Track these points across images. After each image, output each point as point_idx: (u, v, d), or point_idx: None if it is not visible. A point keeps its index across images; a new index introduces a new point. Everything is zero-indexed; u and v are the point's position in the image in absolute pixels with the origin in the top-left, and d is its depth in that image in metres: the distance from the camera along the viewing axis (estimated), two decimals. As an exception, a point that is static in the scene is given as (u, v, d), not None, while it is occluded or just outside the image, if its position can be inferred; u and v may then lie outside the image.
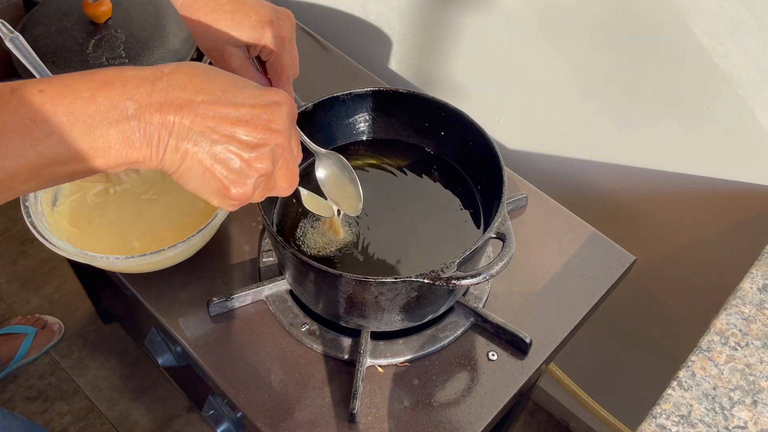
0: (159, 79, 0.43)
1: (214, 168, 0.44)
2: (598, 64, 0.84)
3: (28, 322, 1.53)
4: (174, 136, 0.43)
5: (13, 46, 0.64)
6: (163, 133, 0.42)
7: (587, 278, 0.78)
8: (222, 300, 0.72)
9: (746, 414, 0.59)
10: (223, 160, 0.44)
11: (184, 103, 0.43)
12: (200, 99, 0.43)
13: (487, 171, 0.73)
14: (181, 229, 0.75)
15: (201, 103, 0.43)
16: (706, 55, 0.74)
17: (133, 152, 0.43)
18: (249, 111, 0.45)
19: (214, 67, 0.47)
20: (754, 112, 0.74)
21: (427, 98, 0.77)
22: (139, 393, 1.49)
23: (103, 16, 0.93)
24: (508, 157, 1.03)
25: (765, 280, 0.68)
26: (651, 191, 0.91)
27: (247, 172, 0.45)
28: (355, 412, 0.65)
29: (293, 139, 0.49)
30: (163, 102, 0.42)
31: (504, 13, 0.89)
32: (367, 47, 1.12)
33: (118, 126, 0.41)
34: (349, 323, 0.70)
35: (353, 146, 0.82)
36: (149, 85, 0.42)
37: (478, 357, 0.71)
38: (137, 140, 0.42)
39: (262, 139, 0.45)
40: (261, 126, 0.45)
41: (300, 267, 0.66)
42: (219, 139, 0.44)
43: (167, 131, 0.43)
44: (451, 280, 0.59)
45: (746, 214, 0.84)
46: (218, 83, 0.45)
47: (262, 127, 0.45)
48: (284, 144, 0.47)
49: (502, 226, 0.63)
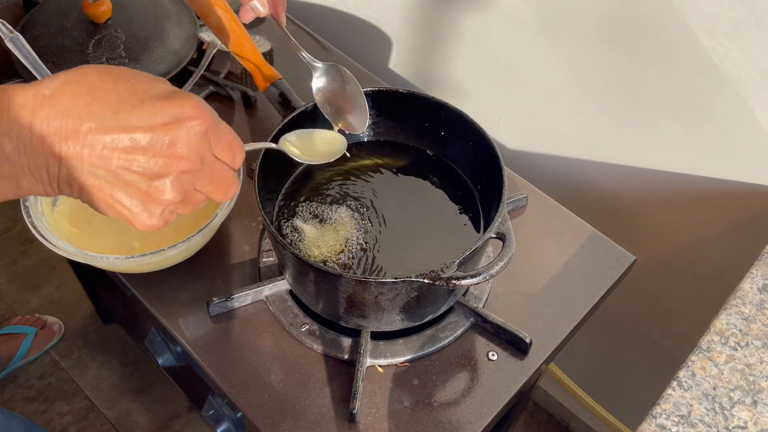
0: (39, 107, 0.37)
1: (114, 202, 0.40)
2: (598, 64, 0.84)
3: (27, 322, 1.53)
4: (63, 170, 0.38)
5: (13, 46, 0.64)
6: (51, 168, 0.38)
7: (587, 278, 0.78)
8: (222, 300, 0.72)
9: (746, 414, 0.59)
10: (119, 194, 0.39)
11: (69, 134, 0.37)
12: (87, 127, 0.37)
13: (487, 171, 0.73)
14: (181, 229, 0.75)
15: (88, 133, 0.37)
16: (706, 55, 0.74)
17: (21, 190, 0.39)
18: (145, 135, 0.38)
19: (108, 72, 0.40)
20: (754, 112, 0.74)
21: (427, 98, 0.77)
22: (139, 393, 1.49)
23: (103, 16, 0.93)
24: (508, 157, 1.03)
25: (765, 280, 0.68)
26: (651, 191, 0.91)
27: (149, 206, 0.40)
28: (355, 412, 0.65)
29: (219, 147, 0.43)
30: (45, 135, 0.37)
31: (504, 13, 0.89)
32: (367, 47, 1.12)
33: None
34: (349, 323, 0.70)
35: (353, 146, 0.82)
36: (28, 115, 0.37)
37: (478, 357, 0.71)
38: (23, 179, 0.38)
39: (163, 167, 0.39)
40: (160, 152, 0.39)
41: (300, 267, 0.66)
42: (113, 171, 0.38)
43: (55, 166, 0.38)
44: (451, 280, 0.59)
45: (746, 214, 0.84)
46: (108, 102, 0.38)
47: (162, 154, 0.39)
48: (193, 168, 0.41)
49: (502, 226, 0.63)
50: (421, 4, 0.98)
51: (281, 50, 1.01)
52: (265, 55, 0.98)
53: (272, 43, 1.00)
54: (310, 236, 0.73)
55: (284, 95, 0.77)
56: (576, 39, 0.84)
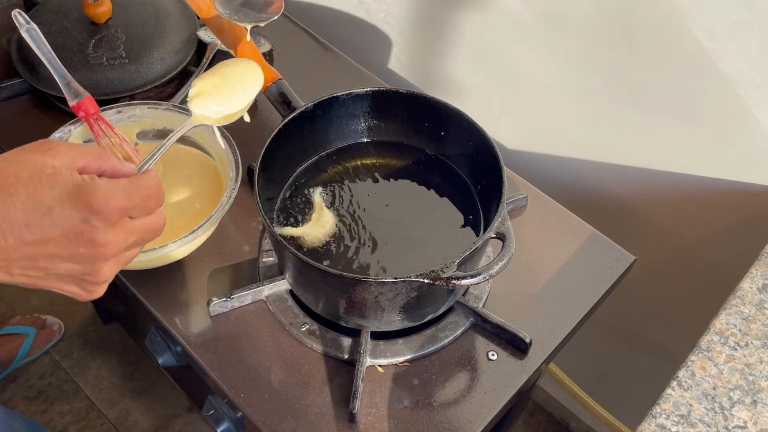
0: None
1: (56, 289, 0.42)
2: (598, 64, 0.84)
3: (27, 322, 1.53)
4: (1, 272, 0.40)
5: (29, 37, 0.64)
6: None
7: (587, 278, 0.78)
8: (222, 300, 0.72)
9: (746, 414, 0.59)
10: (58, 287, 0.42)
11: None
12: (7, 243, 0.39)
13: (487, 171, 0.73)
14: (178, 228, 0.75)
15: (9, 248, 0.39)
16: (706, 55, 0.74)
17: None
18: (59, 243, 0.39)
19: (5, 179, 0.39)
20: (754, 112, 0.74)
21: (427, 98, 0.77)
22: (139, 393, 1.49)
23: (103, 16, 0.93)
24: (508, 157, 1.03)
25: (765, 280, 0.68)
26: (651, 191, 0.91)
27: (88, 288, 0.43)
28: (355, 412, 0.66)
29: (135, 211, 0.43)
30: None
31: (504, 13, 0.89)
32: (367, 47, 1.12)
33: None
34: (349, 323, 0.70)
35: (353, 147, 0.82)
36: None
37: (478, 357, 0.71)
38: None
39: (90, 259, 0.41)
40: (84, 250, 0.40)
41: (300, 267, 0.66)
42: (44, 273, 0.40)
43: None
44: (451, 280, 0.59)
45: (746, 214, 0.84)
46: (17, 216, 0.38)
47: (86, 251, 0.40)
48: (120, 243, 0.42)
49: (502, 226, 0.63)
50: (421, 4, 0.98)
51: (281, 50, 1.01)
52: (265, 55, 0.98)
53: (272, 43, 1.00)
54: (309, 236, 0.74)
55: (284, 95, 0.77)
56: (576, 39, 0.84)
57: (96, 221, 0.40)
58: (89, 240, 0.40)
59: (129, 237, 0.43)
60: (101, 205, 0.40)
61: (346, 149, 0.82)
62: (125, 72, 0.89)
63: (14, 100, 0.92)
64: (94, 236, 0.40)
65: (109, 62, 0.90)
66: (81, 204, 0.39)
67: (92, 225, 0.40)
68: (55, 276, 0.41)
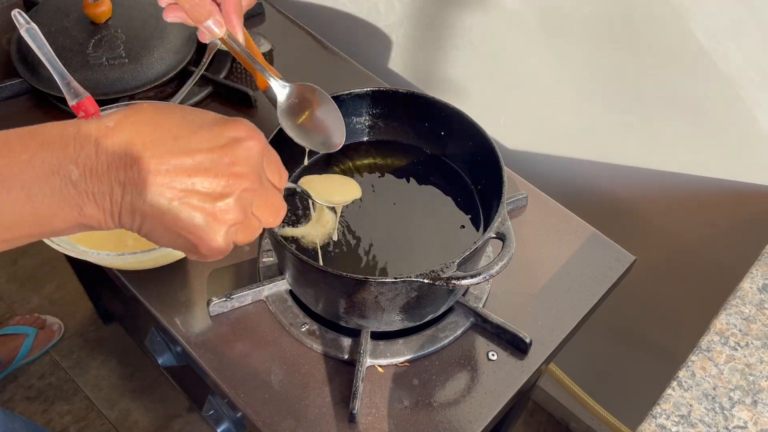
0: (103, 137, 0.39)
1: (177, 227, 0.40)
2: (598, 64, 0.84)
3: (27, 322, 1.53)
4: (127, 197, 0.39)
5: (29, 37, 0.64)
6: (115, 195, 0.39)
7: (587, 278, 0.78)
8: (222, 300, 0.72)
9: (746, 414, 0.59)
10: (185, 217, 0.40)
11: (133, 161, 0.39)
12: (150, 153, 0.39)
13: (487, 171, 0.73)
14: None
15: (152, 158, 0.39)
16: (706, 55, 0.74)
17: (83, 218, 0.39)
18: (207, 157, 0.40)
19: (164, 106, 0.42)
20: (754, 112, 0.74)
21: (427, 98, 0.77)
22: (139, 393, 1.49)
23: (103, 16, 0.93)
24: (508, 157, 1.03)
25: (765, 280, 0.68)
26: (651, 191, 0.91)
27: (214, 227, 0.41)
28: (355, 412, 0.66)
29: (269, 168, 0.45)
30: (110, 162, 0.38)
31: (504, 13, 0.89)
32: (367, 47, 1.12)
33: (62, 193, 0.38)
34: (349, 323, 0.70)
35: (353, 146, 0.82)
36: (92, 146, 0.38)
37: (478, 357, 0.71)
38: (86, 206, 0.39)
39: (226, 188, 0.41)
40: (223, 172, 0.41)
41: (300, 267, 0.66)
42: (177, 195, 0.40)
43: (119, 193, 0.39)
44: (451, 280, 0.59)
45: (746, 214, 0.84)
46: (169, 129, 0.40)
47: (224, 173, 0.41)
48: (253, 187, 0.42)
49: (502, 226, 0.63)
50: (421, 4, 0.98)
51: (281, 50, 1.01)
52: (265, 55, 0.98)
53: (272, 43, 1.00)
54: (309, 236, 0.74)
55: (284, 95, 0.77)
56: (576, 39, 0.84)
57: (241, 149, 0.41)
58: (231, 163, 0.41)
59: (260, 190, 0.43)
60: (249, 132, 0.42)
61: (346, 149, 0.82)
62: (125, 72, 0.89)
63: (14, 100, 0.92)
64: (236, 161, 0.41)
65: (109, 62, 0.90)
66: (230, 128, 0.42)
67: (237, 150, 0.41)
68: (185, 206, 0.40)
